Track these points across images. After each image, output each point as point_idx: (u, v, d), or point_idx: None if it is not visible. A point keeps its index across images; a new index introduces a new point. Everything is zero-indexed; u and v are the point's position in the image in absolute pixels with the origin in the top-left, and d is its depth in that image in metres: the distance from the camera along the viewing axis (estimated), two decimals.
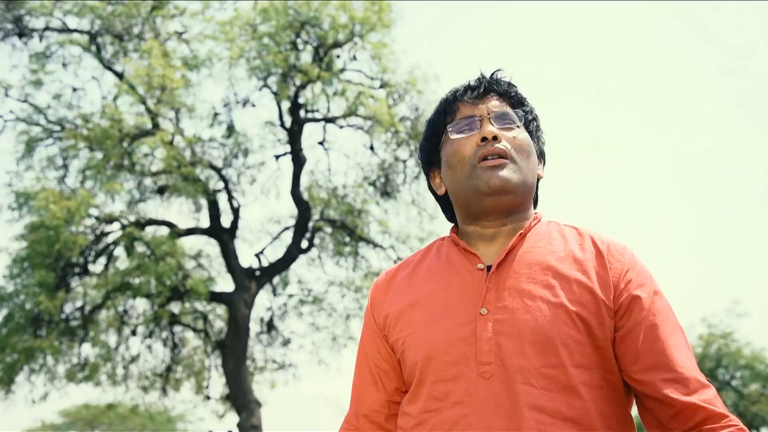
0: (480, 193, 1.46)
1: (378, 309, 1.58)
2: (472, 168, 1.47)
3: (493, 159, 1.46)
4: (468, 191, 1.48)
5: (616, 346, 1.39)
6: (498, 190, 1.45)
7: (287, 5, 12.77)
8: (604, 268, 1.42)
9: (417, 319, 1.47)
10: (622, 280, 1.41)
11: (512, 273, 1.43)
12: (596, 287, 1.39)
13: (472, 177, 1.47)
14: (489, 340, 1.37)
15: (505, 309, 1.39)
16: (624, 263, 1.44)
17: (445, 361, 1.40)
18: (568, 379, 1.33)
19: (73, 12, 12.84)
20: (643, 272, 1.45)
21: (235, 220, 13.69)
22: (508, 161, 1.47)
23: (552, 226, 1.53)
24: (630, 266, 1.44)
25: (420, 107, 13.20)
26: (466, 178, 1.48)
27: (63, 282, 12.11)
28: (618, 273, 1.42)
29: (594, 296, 1.39)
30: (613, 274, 1.41)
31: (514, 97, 1.56)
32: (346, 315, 14.44)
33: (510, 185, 1.46)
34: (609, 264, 1.43)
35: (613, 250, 1.45)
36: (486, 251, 1.49)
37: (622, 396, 1.40)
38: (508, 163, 1.47)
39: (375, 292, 1.61)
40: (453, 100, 1.56)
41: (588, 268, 1.42)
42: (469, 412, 1.35)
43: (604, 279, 1.41)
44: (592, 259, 1.44)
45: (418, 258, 1.60)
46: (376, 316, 1.58)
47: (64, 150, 12.73)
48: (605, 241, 1.48)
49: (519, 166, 1.48)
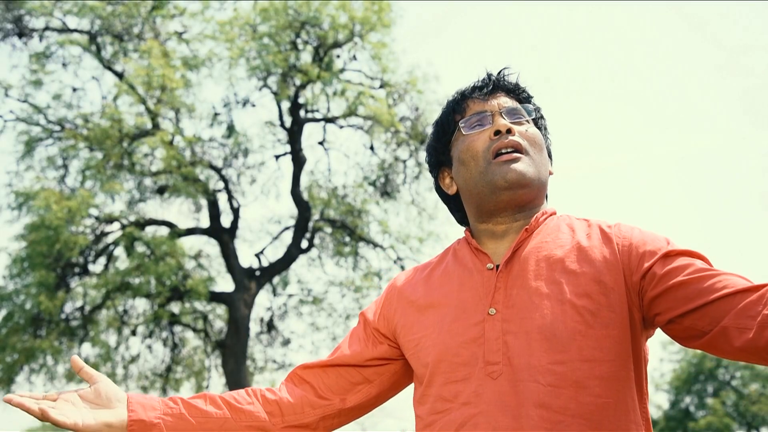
0: (496, 188, 1.45)
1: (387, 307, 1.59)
2: (486, 163, 1.46)
3: (507, 153, 1.46)
4: (483, 187, 1.47)
5: (656, 308, 1.33)
6: (514, 184, 1.44)
7: (287, 5, 12.77)
8: (613, 251, 1.40)
9: (431, 321, 1.47)
10: (635, 256, 1.37)
11: (520, 271, 1.42)
12: (604, 274, 1.37)
13: (487, 172, 1.46)
14: (497, 339, 1.37)
15: (513, 308, 1.39)
16: (631, 239, 1.40)
17: (455, 362, 1.39)
18: (577, 375, 1.31)
19: (73, 12, 12.83)
20: (654, 238, 1.40)
21: (235, 220, 13.69)
22: (522, 155, 1.46)
23: (562, 219, 1.52)
24: (638, 239, 1.40)
25: (420, 107, 13.21)
26: (481, 174, 1.47)
27: (63, 282, 12.11)
28: (626, 251, 1.39)
29: (601, 284, 1.36)
30: (621, 256, 1.39)
31: (522, 94, 1.57)
32: (346, 315, 14.44)
33: (526, 179, 1.45)
34: (617, 246, 1.40)
35: (618, 231, 1.43)
36: (496, 250, 1.49)
37: (638, 388, 1.37)
38: (522, 156, 1.46)
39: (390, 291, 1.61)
40: (462, 98, 1.56)
41: (595, 257, 1.40)
42: (476, 412, 1.34)
43: (613, 263, 1.38)
44: (599, 246, 1.41)
45: (437, 260, 1.60)
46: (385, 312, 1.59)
47: (64, 150, 12.72)
48: (612, 225, 1.46)
49: (533, 159, 1.48)
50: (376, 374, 1.58)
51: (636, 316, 1.38)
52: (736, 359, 1.27)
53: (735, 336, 1.23)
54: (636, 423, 1.34)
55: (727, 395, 30.25)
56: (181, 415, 1.51)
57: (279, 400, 1.56)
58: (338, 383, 1.58)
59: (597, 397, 1.31)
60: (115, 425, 1.45)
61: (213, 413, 1.52)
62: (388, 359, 1.58)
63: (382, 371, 1.58)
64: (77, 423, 1.41)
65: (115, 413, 1.46)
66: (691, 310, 1.29)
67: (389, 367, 1.58)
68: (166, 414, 1.50)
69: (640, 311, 1.38)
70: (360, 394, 1.58)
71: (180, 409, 1.51)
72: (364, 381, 1.58)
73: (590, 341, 1.33)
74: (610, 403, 1.32)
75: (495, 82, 1.55)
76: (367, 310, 1.64)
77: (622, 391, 1.33)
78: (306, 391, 1.58)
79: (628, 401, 1.34)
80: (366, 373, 1.58)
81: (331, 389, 1.58)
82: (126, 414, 1.46)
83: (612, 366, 1.33)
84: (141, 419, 1.47)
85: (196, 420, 1.51)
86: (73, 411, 1.42)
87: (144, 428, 1.47)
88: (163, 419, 1.49)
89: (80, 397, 1.47)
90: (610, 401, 1.32)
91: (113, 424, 1.45)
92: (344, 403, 1.57)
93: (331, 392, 1.57)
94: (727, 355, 1.28)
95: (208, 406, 1.53)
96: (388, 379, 1.59)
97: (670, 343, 31.04)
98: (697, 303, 1.28)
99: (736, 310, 1.24)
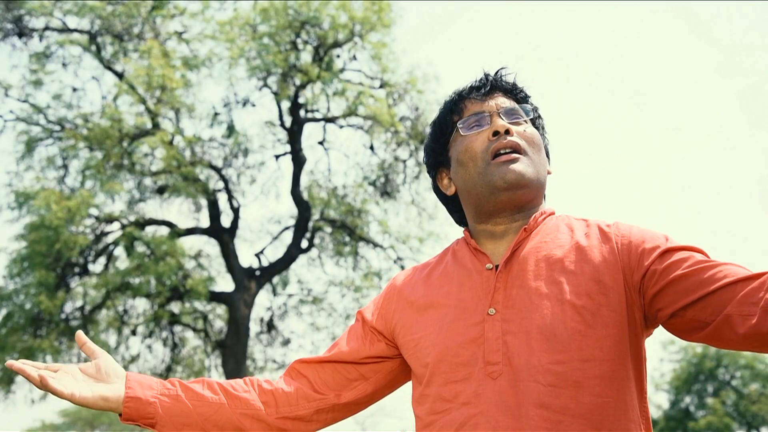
0: (495, 189, 1.45)
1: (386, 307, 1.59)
2: (485, 164, 1.47)
3: (506, 153, 1.46)
4: (482, 187, 1.47)
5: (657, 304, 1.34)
6: (513, 184, 1.44)
7: (287, 5, 12.77)
8: (612, 251, 1.40)
9: (430, 321, 1.47)
10: (634, 255, 1.38)
11: (519, 271, 1.43)
12: (603, 274, 1.38)
13: (485, 173, 1.46)
14: (497, 339, 1.37)
15: (512, 308, 1.39)
16: (630, 237, 1.41)
17: (455, 362, 1.40)
18: (577, 375, 1.31)
19: (73, 12, 12.84)
20: (653, 236, 1.41)
21: (235, 220, 13.69)
22: (521, 155, 1.47)
23: (561, 219, 1.52)
24: (637, 237, 1.40)
25: (420, 107, 13.21)
26: (480, 174, 1.47)
27: (63, 282, 12.11)
28: (626, 250, 1.39)
29: (600, 284, 1.37)
30: (621, 255, 1.39)
31: (519, 94, 1.57)
32: (346, 315, 14.44)
33: (525, 179, 1.45)
34: (616, 245, 1.40)
35: (617, 230, 1.43)
36: (495, 250, 1.49)
37: (638, 387, 1.38)
38: (521, 157, 1.46)
39: (390, 291, 1.62)
40: (460, 98, 1.56)
41: (593, 256, 1.40)
42: (476, 412, 1.34)
43: (612, 262, 1.38)
44: (597, 245, 1.42)
45: (436, 260, 1.61)
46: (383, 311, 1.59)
47: (64, 150, 12.73)
48: (611, 223, 1.46)
49: (532, 159, 1.48)
50: (372, 371, 1.59)
51: (636, 314, 1.38)
52: (741, 348, 1.26)
53: (738, 323, 1.23)
54: (635, 422, 1.35)
55: (727, 395, 30.24)
56: (177, 396, 1.52)
57: (274, 391, 1.57)
58: (334, 379, 1.58)
59: (597, 397, 1.31)
60: (111, 399, 1.47)
61: (209, 398, 1.53)
62: (384, 357, 1.58)
63: (378, 369, 1.59)
64: (74, 394, 1.43)
65: (112, 388, 1.48)
66: (693, 301, 1.29)
67: (385, 365, 1.59)
68: (163, 394, 1.51)
69: (641, 310, 1.38)
70: (355, 391, 1.59)
71: (177, 391, 1.53)
72: (360, 377, 1.59)
73: (590, 341, 1.33)
74: (610, 403, 1.32)
75: (492, 82, 1.55)
76: (365, 309, 1.64)
77: (621, 391, 1.34)
78: (302, 384, 1.59)
79: (628, 400, 1.34)
80: (362, 370, 1.59)
81: (327, 384, 1.58)
82: (123, 390, 1.48)
83: (612, 365, 1.33)
84: (137, 396, 1.48)
85: (192, 403, 1.52)
86: (71, 382, 1.44)
87: (140, 406, 1.48)
88: (159, 399, 1.50)
89: (81, 371, 1.49)
90: (609, 401, 1.32)
91: (110, 398, 1.46)
92: (339, 399, 1.58)
93: (327, 387, 1.58)
94: (732, 344, 1.27)
95: (205, 390, 1.54)
96: (384, 377, 1.60)
97: (671, 343, 31.04)
98: (698, 294, 1.28)
99: (738, 297, 1.24)
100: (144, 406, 1.48)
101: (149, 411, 1.49)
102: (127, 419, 1.49)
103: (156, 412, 1.49)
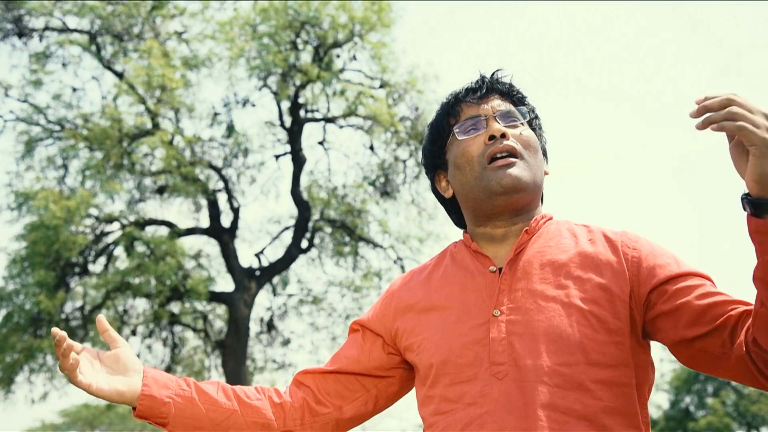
0: (492, 193, 1.46)
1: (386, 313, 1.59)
2: (482, 169, 1.47)
3: (502, 158, 1.46)
4: (479, 192, 1.48)
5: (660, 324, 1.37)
6: (510, 188, 1.45)
7: (287, 5, 12.77)
8: (620, 260, 1.40)
9: (433, 323, 1.47)
10: (644, 269, 1.39)
11: (524, 274, 1.43)
12: (610, 282, 1.38)
13: (482, 178, 1.46)
14: (502, 341, 1.37)
15: (518, 310, 1.39)
16: (641, 250, 1.42)
17: (460, 363, 1.40)
18: (582, 378, 1.32)
19: (73, 12, 12.84)
20: (663, 253, 1.43)
21: (235, 220, 13.69)
22: (517, 159, 1.47)
23: (562, 224, 1.52)
24: (647, 251, 1.42)
25: (420, 107, 13.20)
26: (476, 179, 1.47)
27: (63, 282, 12.11)
28: (636, 263, 1.40)
29: (607, 292, 1.38)
30: (629, 266, 1.40)
31: (515, 96, 1.56)
32: (346, 315, 14.44)
33: (521, 183, 1.45)
34: (624, 255, 1.41)
35: (626, 240, 1.44)
36: (497, 253, 1.49)
37: (639, 393, 1.38)
38: (517, 161, 1.46)
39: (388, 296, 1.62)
40: (455, 101, 1.55)
41: (600, 264, 1.41)
42: (482, 412, 1.35)
43: (619, 272, 1.39)
44: (604, 253, 1.42)
45: (434, 263, 1.61)
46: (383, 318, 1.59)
47: (64, 150, 12.73)
48: (618, 232, 1.46)
49: (528, 163, 1.48)
50: (373, 383, 1.60)
51: (638, 325, 1.39)
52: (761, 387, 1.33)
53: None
54: (636, 428, 1.36)
55: (727, 395, 30.24)
56: (191, 399, 1.52)
57: (284, 403, 1.58)
58: (336, 389, 1.59)
59: (600, 401, 1.32)
60: (127, 395, 1.47)
61: (222, 403, 1.53)
62: (386, 368, 1.59)
63: (378, 382, 1.60)
64: (91, 384, 1.44)
65: (128, 382, 1.48)
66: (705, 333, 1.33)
67: (387, 379, 1.60)
68: (178, 395, 1.51)
69: (642, 320, 1.39)
70: (357, 403, 1.59)
71: (192, 393, 1.52)
72: (361, 389, 1.59)
73: (595, 345, 1.34)
74: (612, 407, 1.33)
75: (488, 84, 1.55)
76: (362, 319, 1.64)
77: (623, 397, 1.35)
78: (306, 394, 1.59)
79: (630, 407, 1.36)
80: (363, 381, 1.59)
81: (329, 394, 1.59)
82: (139, 386, 1.48)
83: (615, 372, 1.35)
84: (153, 395, 1.48)
85: (205, 407, 1.52)
86: (89, 371, 1.46)
87: (154, 404, 1.48)
88: (173, 399, 1.50)
89: (100, 359, 1.51)
90: (612, 405, 1.33)
91: (125, 393, 1.47)
92: (341, 413, 1.59)
93: (330, 397, 1.59)
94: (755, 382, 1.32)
95: (218, 394, 1.54)
96: (385, 389, 1.60)
97: None
98: (709, 327, 1.32)
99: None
100: (158, 406, 1.49)
101: (163, 411, 1.49)
102: (139, 416, 1.49)
103: (169, 412, 1.49)
